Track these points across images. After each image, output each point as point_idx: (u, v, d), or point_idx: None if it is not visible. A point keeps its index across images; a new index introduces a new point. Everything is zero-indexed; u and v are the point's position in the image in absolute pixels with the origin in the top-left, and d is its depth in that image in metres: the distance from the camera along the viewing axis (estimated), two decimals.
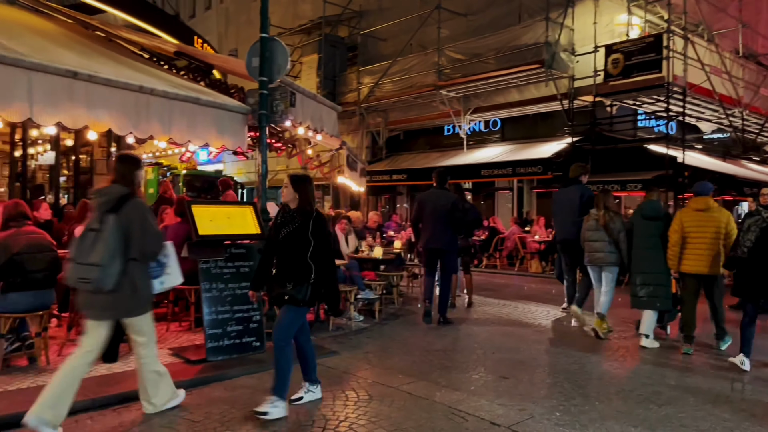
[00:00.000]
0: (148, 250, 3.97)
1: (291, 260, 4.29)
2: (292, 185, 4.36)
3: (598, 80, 13.79)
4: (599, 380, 5.38)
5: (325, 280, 4.33)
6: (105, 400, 4.42)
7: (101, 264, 3.72)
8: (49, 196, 10.69)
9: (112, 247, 3.76)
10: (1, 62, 4.66)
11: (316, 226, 4.28)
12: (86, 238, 3.80)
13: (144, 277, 4.06)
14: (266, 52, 6.55)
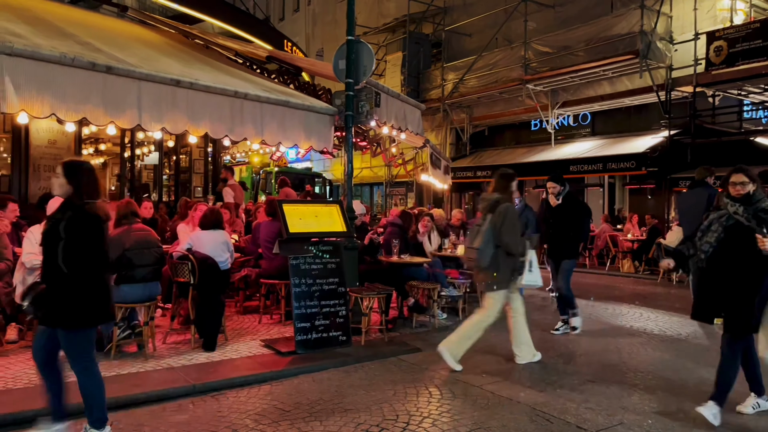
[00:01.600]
0: (503, 242, 5.24)
1: (47, 265, 3.51)
2: (64, 174, 3.68)
3: (699, 69, 12.99)
4: (695, 388, 5.11)
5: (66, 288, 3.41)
6: (204, 387, 4.74)
7: (479, 248, 5.19)
8: (153, 195, 11.50)
9: (487, 237, 5.22)
10: (116, 74, 5.10)
11: (76, 222, 3.45)
12: (473, 230, 5.44)
13: (505, 263, 5.30)
14: (352, 54, 6.72)
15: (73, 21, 7.07)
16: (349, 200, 6.75)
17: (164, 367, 5.13)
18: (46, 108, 4.87)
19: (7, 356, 5.27)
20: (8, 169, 8.72)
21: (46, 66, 4.86)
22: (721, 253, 4.20)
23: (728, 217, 4.22)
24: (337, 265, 6.22)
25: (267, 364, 5.34)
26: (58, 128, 8.61)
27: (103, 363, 5.07)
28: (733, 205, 4.18)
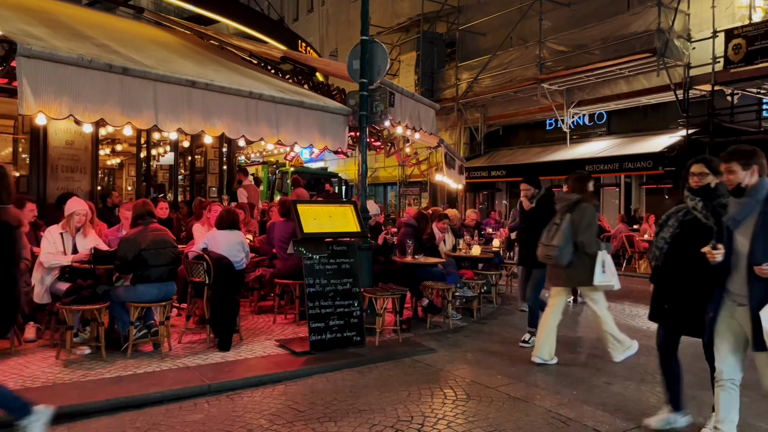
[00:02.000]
0: (580, 240, 5.31)
1: None
2: None
3: (717, 68, 12.81)
4: None
5: None
6: (219, 387, 4.76)
7: (559, 246, 5.25)
8: (169, 194, 11.58)
9: (566, 235, 5.28)
10: (132, 75, 5.14)
11: None
12: (551, 228, 5.42)
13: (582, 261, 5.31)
14: (366, 54, 6.71)
15: (90, 23, 7.14)
16: (363, 200, 6.74)
17: (180, 366, 5.16)
18: (64, 109, 4.92)
19: (25, 355, 5.33)
20: (27, 170, 8.83)
21: (64, 68, 4.91)
22: (676, 250, 3.87)
23: (686, 212, 3.89)
24: (351, 265, 6.21)
25: (281, 364, 5.35)
26: (76, 129, 8.70)
27: (119, 362, 5.15)
28: (693, 199, 3.82)
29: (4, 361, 5.07)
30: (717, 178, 3.78)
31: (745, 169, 3.36)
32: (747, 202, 3.36)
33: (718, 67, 12.82)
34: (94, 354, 5.37)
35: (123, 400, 4.34)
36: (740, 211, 3.38)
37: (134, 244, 5.28)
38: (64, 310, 5.09)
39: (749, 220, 3.34)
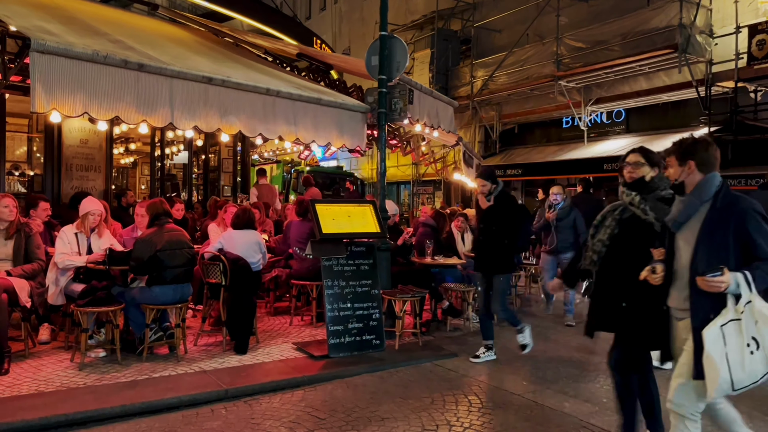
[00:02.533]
0: None
1: None
2: None
3: (741, 64, 12.47)
4: (750, 398, 4.82)
5: None
6: (237, 392, 4.62)
7: None
8: (183, 194, 11.49)
9: None
10: (148, 71, 5.01)
11: None
12: None
13: None
14: (385, 50, 6.55)
15: (104, 19, 7.04)
16: (382, 200, 6.58)
17: (196, 370, 5.04)
18: (79, 106, 4.80)
19: (39, 357, 5.23)
20: (41, 169, 8.77)
21: (79, 64, 4.79)
22: (616, 253, 3.42)
23: (623, 210, 3.45)
24: (370, 266, 6.06)
25: (300, 369, 5.21)
26: (90, 128, 8.62)
27: (135, 365, 5.04)
28: (629, 194, 3.40)
29: (18, 364, 4.97)
30: (653, 171, 3.38)
31: (681, 165, 2.92)
32: (690, 202, 2.90)
33: (741, 64, 12.48)
34: (109, 357, 5.27)
35: (139, 406, 4.23)
36: (681, 212, 2.92)
37: (150, 244, 5.16)
38: (78, 312, 4.98)
39: (693, 222, 2.88)
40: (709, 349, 2.63)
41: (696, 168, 2.89)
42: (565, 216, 7.39)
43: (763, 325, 2.64)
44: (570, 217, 7.40)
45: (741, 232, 2.74)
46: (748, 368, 2.62)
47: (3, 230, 5.18)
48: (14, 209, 5.22)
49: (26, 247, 5.27)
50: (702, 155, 2.90)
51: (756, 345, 2.64)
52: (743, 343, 2.63)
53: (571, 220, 7.37)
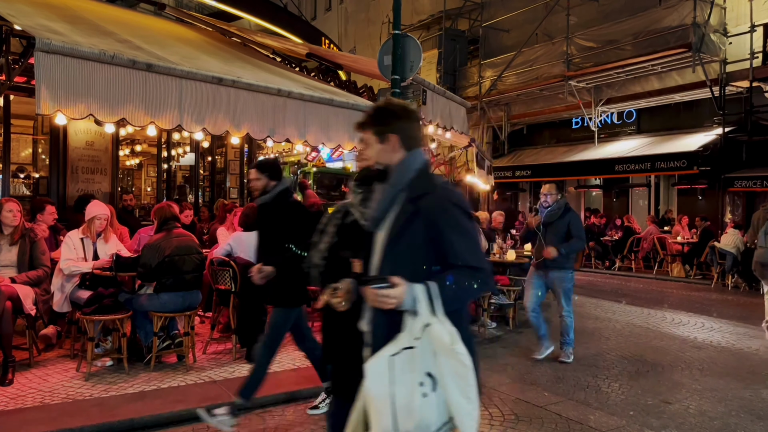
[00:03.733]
0: None
1: None
2: None
3: (755, 63, 12.29)
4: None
5: None
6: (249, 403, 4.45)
7: None
8: (189, 196, 11.34)
9: None
10: (156, 71, 4.85)
11: None
12: None
13: None
14: (398, 49, 6.38)
15: (111, 19, 6.89)
16: None
17: (206, 380, 4.88)
18: (84, 108, 4.64)
19: (44, 366, 5.08)
20: (47, 171, 8.62)
21: (85, 64, 4.63)
22: (335, 267, 2.70)
23: (346, 212, 2.87)
24: None
25: (313, 379, 4.99)
26: (96, 129, 8.47)
27: (142, 375, 4.88)
28: (356, 191, 2.85)
29: (22, 374, 4.82)
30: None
31: (381, 142, 2.17)
32: (385, 192, 2.15)
33: (756, 63, 12.31)
34: (115, 366, 5.11)
35: (147, 419, 4.07)
36: (379, 205, 2.17)
37: (158, 250, 5.00)
38: (84, 320, 4.82)
39: (389, 218, 2.12)
40: (371, 387, 1.90)
41: (400, 144, 2.15)
42: (555, 220, 5.83)
43: (444, 358, 1.88)
44: (563, 220, 5.82)
45: (433, 231, 2.02)
46: (418, 416, 1.85)
47: (7, 236, 5.03)
48: (18, 214, 5.06)
49: (31, 252, 5.11)
50: (405, 126, 2.17)
51: (432, 384, 1.88)
52: (415, 380, 1.88)
53: (564, 225, 5.80)
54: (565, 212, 5.87)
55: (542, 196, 6.05)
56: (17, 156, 9.05)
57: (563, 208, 5.88)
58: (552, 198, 5.95)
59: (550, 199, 5.94)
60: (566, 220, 5.83)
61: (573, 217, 5.90)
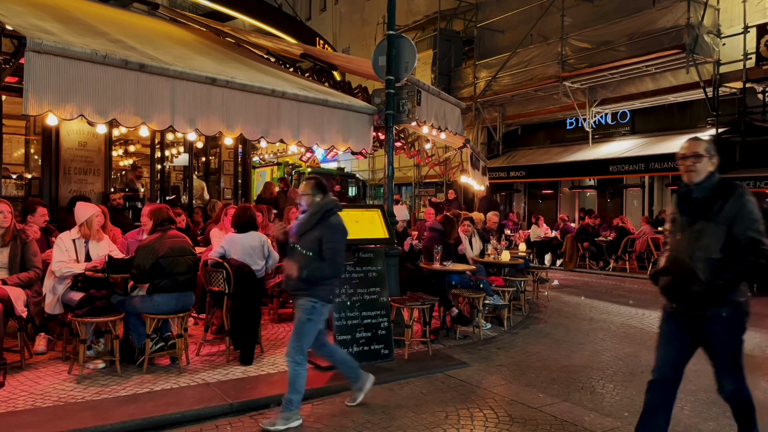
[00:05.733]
0: None
1: None
2: None
3: (749, 64, 12.34)
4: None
5: None
6: (242, 406, 4.42)
7: None
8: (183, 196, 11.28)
9: None
10: (149, 72, 4.82)
11: None
12: None
13: None
14: (393, 49, 6.36)
15: (104, 19, 6.84)
16: (390, 204, 6.39)
17: (199, 382, 4.84)
18: (75, 109, 4.59)
19: (36, 369, 5.04)
20: (39, 172, 8.56)
21: (77, 64, 4.59)
22: None
23: None
24: (378, 273, 5.87)
25: (307, 381, 4.98)
26: (89, 130, 8.42)
27: (135, 377, 4.84)
28: None
29: (14, 376, 4.78)
30: None
31: None
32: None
33: (749, 64, 12.37)
34: (108, 368, 5.07)
35: (140, 422, 4.03)
36: None
37: (151, 251, 4.96)
38: (76, 322, 4.78)
39: None
40: None
41: None
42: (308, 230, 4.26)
43: None
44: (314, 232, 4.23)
45: None
46: None
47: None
48: (9, 215, 5.02)
49: (22, 254, 5.07)
50: None
51: None
52: None
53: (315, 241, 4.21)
54: (320, 220, 4.22)
55: (298, 198, 4.84)
56: (9, 156, 8.98)
57: (320, 215, 4.22)
58: (307, 201, 4.32)
59: (304, 202, 4.34)
60: (317, 234, 4.17)
61: (328, 229, 4.22)
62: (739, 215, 3.11)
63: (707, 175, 3.23)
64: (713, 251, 3.11)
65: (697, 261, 3.13)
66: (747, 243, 3.07)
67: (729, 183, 3.24)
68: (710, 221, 3.15)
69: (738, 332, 3.26)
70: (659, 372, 3.40)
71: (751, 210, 3.13)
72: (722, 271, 3.08)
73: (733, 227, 3.10)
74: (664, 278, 3.34)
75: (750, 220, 3.11)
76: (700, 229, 3.16)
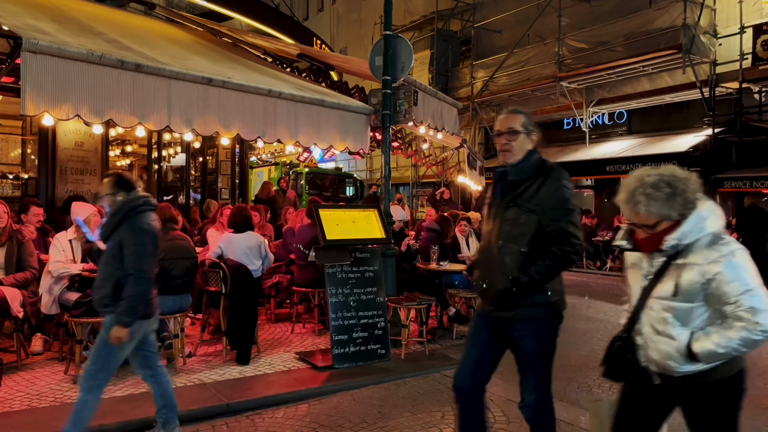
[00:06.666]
0: None
1: None
2: None
3: (745, 64, 12.37)
4: None
5: None
6: (239, 406, 4.43)
7: None
8: (180, 197, 11.28)
9: None
10: (145, 72, 4.82)
11: None
12: None
13: None
14: (389, 50, 6.37)
15: (100, 19, 6.84)
16: (387, 204, 6.40)
17: (196, 382, 4.84)
18: (71, 109, 4.59)
19: (32, 369, 5.03)
20: (35, 172, 8.55)
21: (73, 64, 4.59)
22: None
23: None
24: (375, 273, 5.87)
25: (303, 380, 5.01)
26: (86, 130, 8.41)
27: (131, 378, 4.83)
28: None
29: (10, 377, 4.77)
30: None
31: None
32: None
33: (745, 64, 12.39)
34: None
35: (136, 422, 4.02)
36: None
37: None
38: (73, 323, 4.78)
39: None
40: None
41: None
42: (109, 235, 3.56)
43: None
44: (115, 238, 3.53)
45: None
46: None
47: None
48: (5, 215, 5.01)
49: (18, 254, 5.07)
50: None
51: None
52: None
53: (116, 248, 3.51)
54: (122, 222, 3.48)
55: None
56: (6, 156, 8.96)
57: (121, 215, 3.49)
58: (108, 201, 3.61)
59: (105, 203, 3.65)
60: (119, 237, 3.48)
61: (129, 232, 3.47)
62: (551, 202, 2.71)
63: (525, 155, 2.83)
64: (522, 243, 2.72)
65: (505, 254, 2.74)
66: (556, 234, 2.68)
67: (547, 165, 2.82)
68: (522, 208, 2.75)
69: (546, 338, 2.90)
70: (459, 379, 3.00)
71: (565, 197, 2.74)
72: (528, 267, 2.69)
73: (544, 215, 2.70)
74: (476, 272, 2.96)
75: (563, 209, 2.71)
76: (512, 217, 2.77)
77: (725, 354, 2.13)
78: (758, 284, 2.12)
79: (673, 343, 2.20)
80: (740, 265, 2.12)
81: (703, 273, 2.14)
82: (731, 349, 2.11)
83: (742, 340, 2.09)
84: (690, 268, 2.17)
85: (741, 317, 2.08)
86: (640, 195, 2.21)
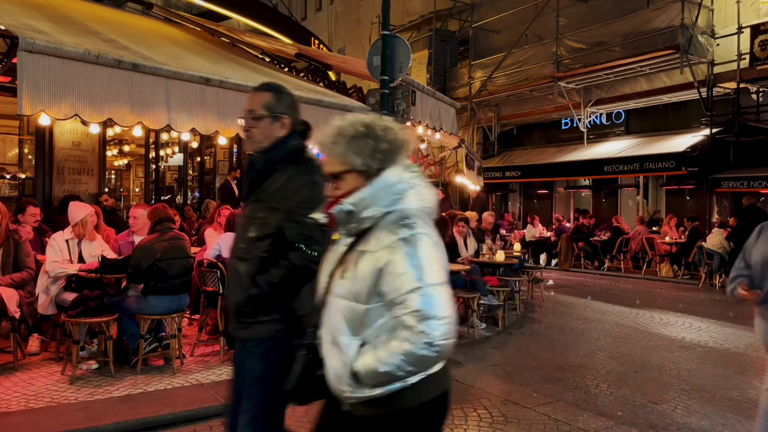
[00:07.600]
0: None
1: None
2: None
3: (743, 65, 12.38)
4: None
5: None
6: None
7: None
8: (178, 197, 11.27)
9: None
10: (142, 72, 4.80)
11: None
12: None
13: None
14: (387, 50, 6.36)
15: (97, 18, 6.82)
16: None
17: (193, 383, 4.83)
18: (69, 109, 4.58)
19: (29, 370, 5.01)
20: (32, 172, 8.53)
21: (70, 63, 4.58)
22: None
23: None
24: None
25: None
26: (83, 130, 8.40)
27: (128, 378, 4.83)
28: None
29: (6, 377, 4.76)
30: None
31: None
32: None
33: (743, 64, 12.40)
34: (101, 369, 5.05)
35: (133, 423, 4.02)
36: None
37: (150, 252, 4.93)
38: (69, 323, 4.76)
39: None
40: None
41: None
42: None
43: None
44: None
45: None
46: None
47: None
48: (1, 216, 4.99)
49: (15, 255, 5.04)
50: None
51: None
52: None
53: None
54: None
55: None
56: (3, 156, 8.95)
57: None
58: None
59: None
60: None
61: None
62: (296, 200, 2.25)
63: (275, 142, 2.32)
64: (262, 247, 2.28)
65: (241, 260, 2.34)
66: (296, 238, 2.24)
67: (302, 156, 2.35)
68: (264, 203, 2.32)
69: (277, 361, 2.33)
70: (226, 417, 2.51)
71: (312, 195, 2.22)
72: (261, 275, 2.26)
73: (287, 215, 2.26)
74: None
75: (307, 209, 2.12)
76: (253, 214, 2.35)
77: (390, 374, 1.58)
78: (437, 281, 1.60)
79: (343, 357, 1.67)
80: (418, 254, 1.60)
81: (375, 262, 1.63)
82: (395, 368, 1.56)
83: (405, 356, 1.55)
84: (367, 256, 1.66)
85: (406, 323, 1.57)
86: (336, 135, 1.75)
